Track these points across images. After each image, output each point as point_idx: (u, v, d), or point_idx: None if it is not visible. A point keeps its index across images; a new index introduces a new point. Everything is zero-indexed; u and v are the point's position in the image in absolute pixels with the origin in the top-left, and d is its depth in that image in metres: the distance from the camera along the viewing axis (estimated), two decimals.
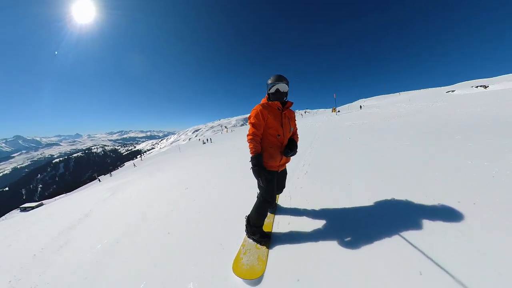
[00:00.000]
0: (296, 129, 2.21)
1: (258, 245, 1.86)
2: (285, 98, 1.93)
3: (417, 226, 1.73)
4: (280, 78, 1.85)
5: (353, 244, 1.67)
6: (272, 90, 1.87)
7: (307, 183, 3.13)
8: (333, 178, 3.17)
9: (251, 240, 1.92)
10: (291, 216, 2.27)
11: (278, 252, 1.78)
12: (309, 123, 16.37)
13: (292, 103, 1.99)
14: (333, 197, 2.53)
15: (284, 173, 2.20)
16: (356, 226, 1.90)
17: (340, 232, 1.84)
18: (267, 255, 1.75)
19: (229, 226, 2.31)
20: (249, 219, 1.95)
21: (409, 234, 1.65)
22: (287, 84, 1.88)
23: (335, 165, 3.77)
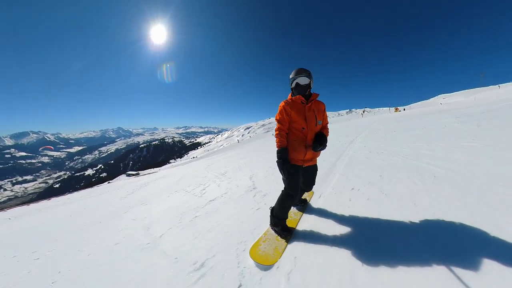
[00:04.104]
0: (327, 123, 2.08)
1: (279, 237, 1.91)
2: (308, 90, 1.88)
3: (479, 262, 1.33)
4: (299, 72, 1.83)
5: (380, 263, 1.44)
6: (293, 84, 1.88)
7: (347, 184, 2.89)
8: (381, 179, 2.79)
9: (273, 231, 1.98)
10: (320, 218, 2.16)
11: (296, 249, 1.76)
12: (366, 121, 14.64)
13: (317, 94, 1.91)
14: (375, 205, 2.22)
15: (313, 169, 2.10)
16: (395, 244, 1.61)
17: (369, 248, 1.60)
18: (284, 249, 1.77)
19: None
20: (273, 210, 2.00)
21: (464, 273, 1.26)
22: (308, 76, 1.83)
23: (384, 164, 3.28)
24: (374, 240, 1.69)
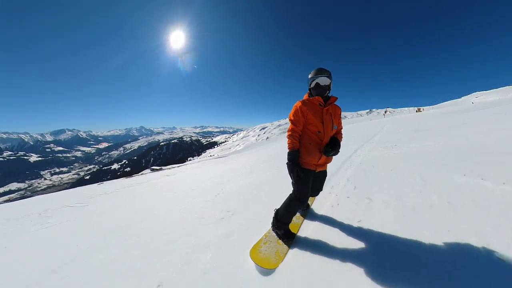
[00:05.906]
0: (341, 128, 2.00)
1: (280, 240, 1.88)
2: (327, 92, 1.79)
3: None
4: (320, 71, 1.74)
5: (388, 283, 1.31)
6: (312, 84, 1.78)
7: (356, 191, 2.74)
8: (395, 190, 2.60)
9: (274, 234, 1.95)
10: (323, 225, 2.06)
11: (297, 255, 1.70)
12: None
13: (336, 98, 1.82)
14: (388, 217, 2.03)
15: (323, 174, 2.03)
16: (403, 263, 1.46)
17: (374, 264, 1.46)
18: (286, 253, 1.74)
19: None
20: (277, 213, 1.95)
21: None
22: (329, 77, 1.74)
23: (402, 173, 3.05)
24: (384, 257, 1.54)
